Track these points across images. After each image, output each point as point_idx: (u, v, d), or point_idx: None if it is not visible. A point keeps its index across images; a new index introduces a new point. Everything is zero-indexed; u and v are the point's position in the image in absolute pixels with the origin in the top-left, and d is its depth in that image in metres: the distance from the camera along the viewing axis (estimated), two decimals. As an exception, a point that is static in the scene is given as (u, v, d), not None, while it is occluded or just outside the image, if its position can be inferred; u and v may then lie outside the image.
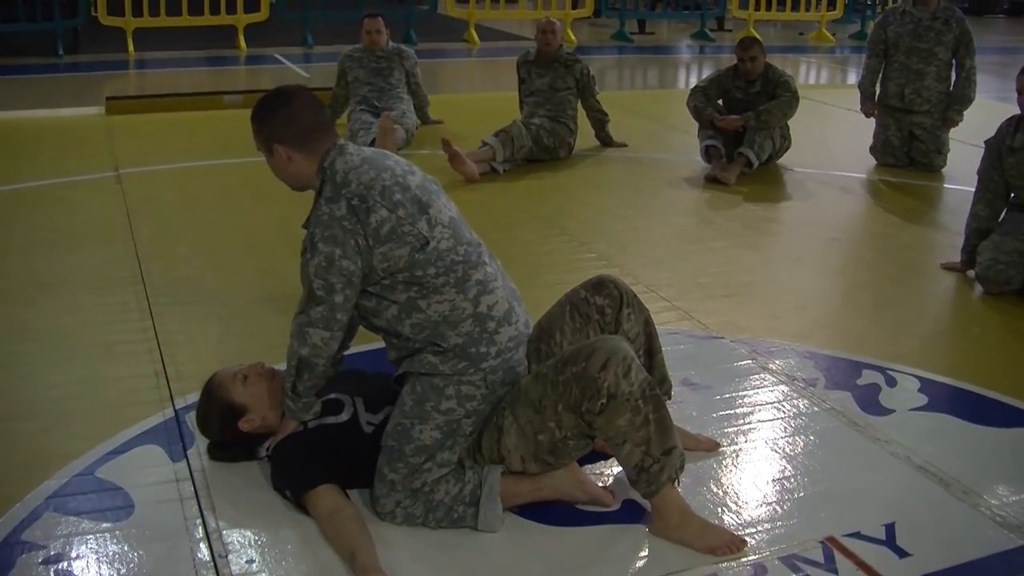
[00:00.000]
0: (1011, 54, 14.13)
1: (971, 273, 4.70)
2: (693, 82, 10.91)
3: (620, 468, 2.91)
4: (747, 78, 6.55)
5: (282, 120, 2.70)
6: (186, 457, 2.95)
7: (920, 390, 3.56)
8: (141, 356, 3.63)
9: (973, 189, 4.83)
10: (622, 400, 2.49)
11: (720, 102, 6.70)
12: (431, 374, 2.64)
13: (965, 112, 6.64)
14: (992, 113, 6.47)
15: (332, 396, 2.85)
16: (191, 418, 3.13)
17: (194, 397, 3.25)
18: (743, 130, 6.43)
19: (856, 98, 7.14)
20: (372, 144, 6.51)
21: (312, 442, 2.75)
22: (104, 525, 2.63)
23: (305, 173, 2.72)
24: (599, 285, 2.92)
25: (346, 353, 2.87)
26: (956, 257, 4.81)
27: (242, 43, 12.10)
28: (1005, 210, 4.69)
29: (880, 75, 6.81)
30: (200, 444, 2.99)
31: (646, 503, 2.70)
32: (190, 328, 3.88)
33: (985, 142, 4.68)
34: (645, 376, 2.54)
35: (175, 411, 3.22)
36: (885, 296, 4.52)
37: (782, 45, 14.13)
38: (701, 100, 6.62)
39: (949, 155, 6.73)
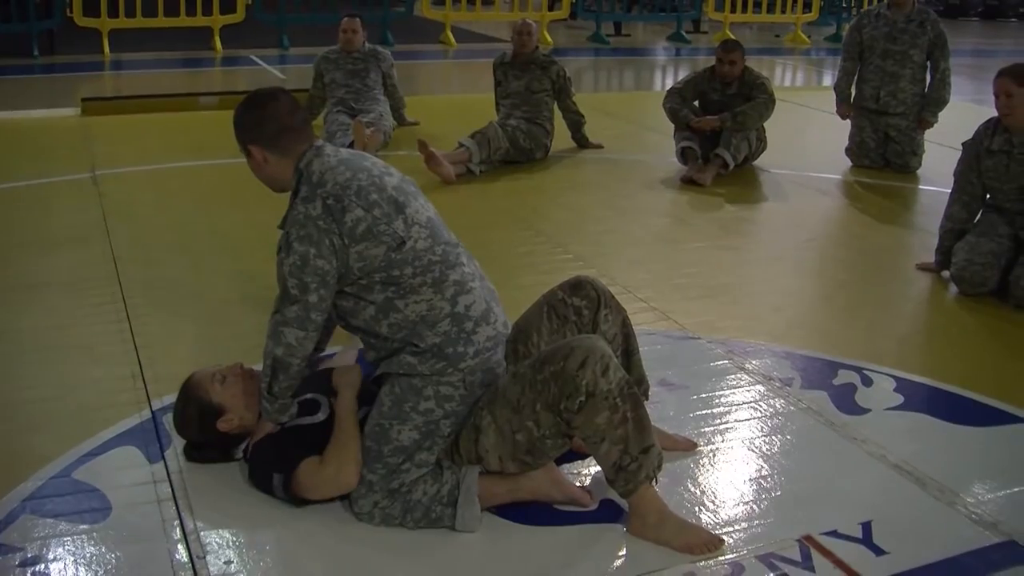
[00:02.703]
0: (985, 56, 14.28)
1: (945, 273, 4.74)
2: (669, 84, 10.96)
3: (597, 468, 2.93)
4: (724, 80, 6.58)
5: (256, 122, 2.72)
6: (163, 458, 2.94)
7: (896, 389, 3.59)
8: (118, 358, 3.60)
9: (948, 190, 4.88)
10: (600, 398, 2.50)
11: (696, 103, 6.72)
12: (410, 375, 2.64)
13: (940, 114, 6.70)
14: (966, 115, 6.55)
15: (308, 396, 2.85)
16: (168, 419, 3.12)
17: (171, 398, 3.25)
18: (719, 131, 6.46)
19: (831, 100, 7.19)
20: (351, 146, 6.50)
21: (289, 441, 2.75)
22: (81, 527, 2.61)
23: (281, 174, 2.73)
24: (576, 286, 2.94)
25: (322, 355, 2.87)
26: (931, 258, 4.85)
27: (218, 44, 12.05)
28: (980, 212, 4.73)
29: (855, 77, 6.86)
30: (177, 445, 2.98)
31: (624, 503, 2.71)
32: (167, 329, 3.87)
33: (963, 144, 4.72)
34: (623, 375, 2.56)
35: (152, 412, 3.21)
36: (861, 297, 4.55)
37: (758, 47, 14.18)
38: (677, 102, 6.65)
39: (924, 157, 6.79)
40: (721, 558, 2.57)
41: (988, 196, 4.69)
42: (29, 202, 5.55)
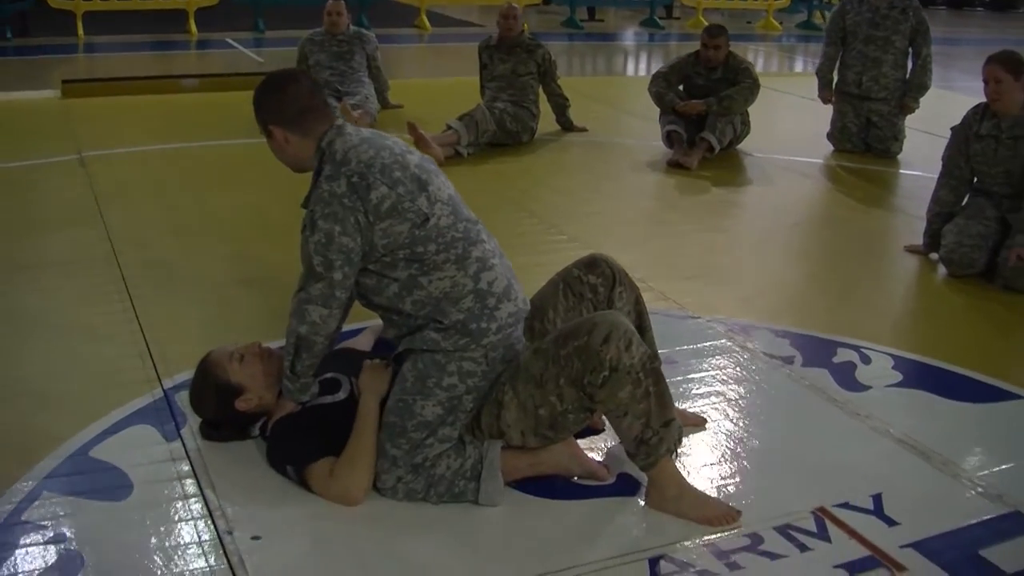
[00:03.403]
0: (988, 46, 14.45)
1: (933, 256, 4.82)
2: (644, 69, 10.98)
3: (612, 443, 2.98)
4: (709, 65, 6.63)
5: (277, 103, 2.73)
6: (180, 437, 2.94)
7: (894, 367, 3.66)
8: (124, 338, 3.60)
9: (929, 175, 4.96)
10: (623, 373, 2.53)
11: (680, 88, 6.77)
12: (433, 351, 2.66)
13: (921, 100, 6.78)
14: (945, 102, 6.65)
15: (329, 375, 2.86)
16: (180, 398, 3.12)
17: (181, 378, 3.27)
18: (704, 115, 6.51)
19: (807, 85, 7.27)
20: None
21: (310, 421, 2.76)
22: (104, 504, 2.61)
23: (303, 154, 2.74)
24: (592, 264, 2.97)
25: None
26: (917, 240, 4.94)
27: (193, 27, 11.94)
28: (967, 195, 4.81)
29: (838, 62, 6.93)
30: (193, 424, 2.99)
31: (641, 476, 2.76)
32: (170, 310, 3.86)
33: (951, 129, 4.79)
34: (646, 349, 2.59)
35: (164, 391, 3.20)
36: (851, 278, 4.62)
37: (729, 33, 14.23)
38: (663, 86, 6.69)
39: (904, 142, 6.88)
40: (739, 530, 2.62)
41: (975, 180, 4.77)
42: (17, 184, 5.50)
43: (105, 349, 3.52)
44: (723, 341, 3.80)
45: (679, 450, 2.67)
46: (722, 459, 2.98)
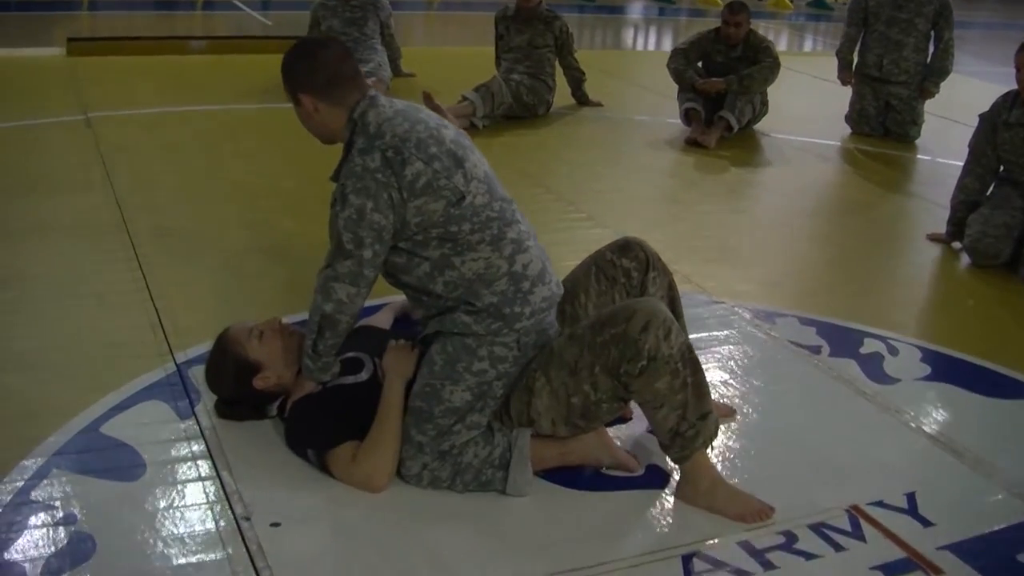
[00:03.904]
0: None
1: (956, 244, 4.73)
2: (654, 44, 10.82)
3: (641, 432, 2.89)
4: (729, 43, 6.50)
5: (306, 70, 2.60)
6: (194, 414, 2.84)
7: (923, 360, 3.57)
8: (134, 307, 3.49)
9: (946, 161, 4.87)
10: (662, 362, 2.44)
11: (700, 64, 6.64)
12: (464, 334, 2.56)
13: (941, 84, 6.67)
14: (954, 86, 6.55)
15: (351, 355, 2.77)
16: (194, 374, 3.03)
17: (194, 351, 3.17)
18: (723, 94, 6.39)
19: (820, 65, 7.16)
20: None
21: (332, 402, 2.66)
22: (117, 484, 2.51)
23: (333, 124, 2.62)
24: (625, 247, 2.87)
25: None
26: (939, 228, 4.84)
27: (200, -12, 11.77)
28: (993, 184, 4.71)
29: (859, 44, 6.80)
30: (207, 400, 2.89)
31: (671, 468, 2.68)
32: (181, 279, 3.75)
33: (979, 116, 4.68)
34: (685, 339, 2.50)
35: (176, 366, 3.10)
36: (874, 265, 4.53)
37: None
38: (682, 63, 6.56)
39: (923, 127, 6.76)
40: (773, 527, 2.53)
41: (1002, 168, 4.67)
42: (22, 143, 5.37)
43: (115, 319, 3.41)
44: (749, 328, 3.70)
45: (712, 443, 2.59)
46: (752, 452, 2.89)
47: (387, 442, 2.56)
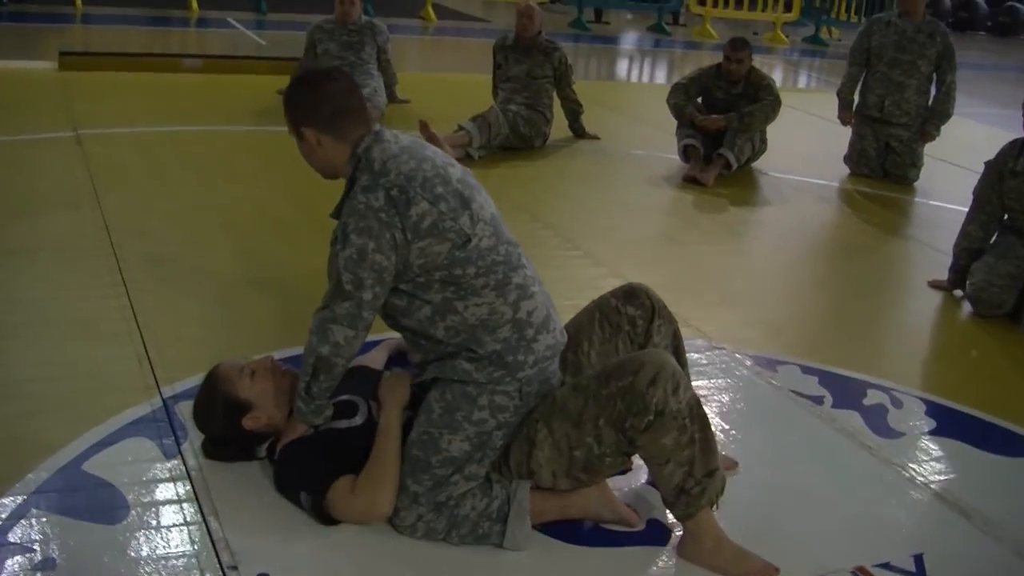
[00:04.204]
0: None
1: (958, 292, 4.67)
2: (649, 76, 10.80)
3: (639, 485, 2.80)
4: (730, 79, 6.45)
5: (312, 103, 2.52)
6: (180, 453, 2.73)
7: (927, 413, 3.50)
8: (121, 337, 3.38)
9: (945, 205, 4.81)
10: (669, 418, 2.36)
11: (699, 100, 6.59)
12: (464, 381, 2.47)
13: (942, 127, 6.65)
14: (960, 130, 6.51)
15: (344, 398, 2.67)
16: (181, 410, 2.93)
17: (182, 386, 3.07)
18: (723, 131, 6.34)
19: (815, 102, 7.11)
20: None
21: (324, 445, 2.57)
22: (98, 528, 2.40)
23: (336, 159, 2.53)
24: (631, 294, 2.79)
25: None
26: (940, 274, 4.79)
27: (194, 4, 11.68)
28: (996, 232, 4.66)
29: (860, 84, 6.77)
30: (194, 439, 2.78)
31: (672, 524, 2.59)
32: (169, 308, 3.65)
33: (985, 163, 4.63)
34: (693, 393, 2.42)
35: (163, 401, 3.00)
36: (875, 311, 4.47)
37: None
38: (682, 98, 6.51)
39: (922, 169, 6.73)
40: (778, 589, 2.45)
41: (1007, 217, 4.61)
42: (11, 160, 5.26)
43: (100, 349, 3.30)
44: (750, 376, 3.62)
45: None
46: (755, 507, 2.80)
47: (387, 468, 2.46)
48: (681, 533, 2.55)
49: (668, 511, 2.52)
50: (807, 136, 8.07)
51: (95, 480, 2.59)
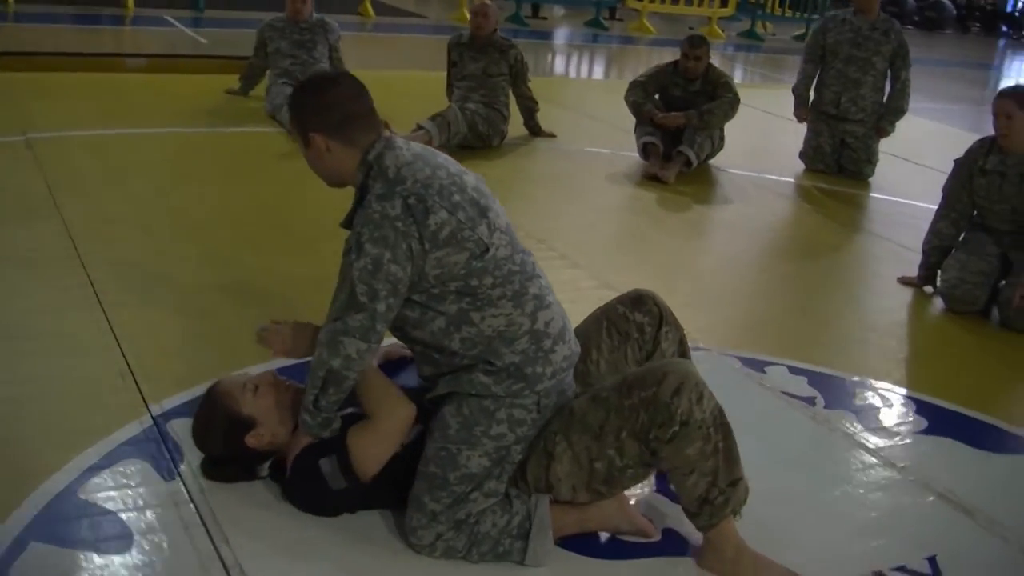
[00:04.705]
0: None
1: (928, 289, 4.72)
2: (587, 71, 10.77)
3: (650, 493, 2.76)
4: (688, 76, 6.45)
5: (320, 107, 2.42)
6: (179, 475, 2.62)
7: (918, 412, 3.52)
8: (100, 352, 3.24)
9: (900, 200, 4.84)
10: (694, 428, 2.32)
11: (657, 97, 6.58)
12: (481, 395, 2.39)
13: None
14: (909, 125, 6.61)
15: (351, 411, 2.58)
16: (173, 428, 2.81)
17: (170, 403, 2.96)
18: (682, 128, 6.34)
19: (765, 97, 7.12)
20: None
21: (334, 442, 2.48)
22: (103, 559, 2.29)
23: (345, 166, 2.44)
24: (638, 301, 2.75)
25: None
26: (905, 270, 4.84)
27: (130, 2, 11.36)
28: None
29: (815, 81, 6.81)
30: (191, 459, 2.67)
31: (688, 532, 2.56)
32: (146, 321, 3.51)
33: (955, 161, 4.67)
34: (716, 403, 2.38)
35: (153, 419, 2.87)
36: (849, 309, 4.48)
37: (671, 38, 14.18)
38: (640, 96, 6.49)
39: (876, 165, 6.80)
40: (801, 597, 2.43)
41: (976, 214, 4.66)
42: (-44, 165, 5.05)
43: (81, 364, 3.16)
44: (740, 379, 3.60)
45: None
46: (766, 514, 2.75)
47: (385, 389, 2.50)
48: (701, 542, 2.51)
49: (690, 521, 2.47)
50: (758, 132, 8.10)
51: (94, 508, 2.47)
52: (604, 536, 2.57)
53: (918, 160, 7.30)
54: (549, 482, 2.44)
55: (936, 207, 4.76)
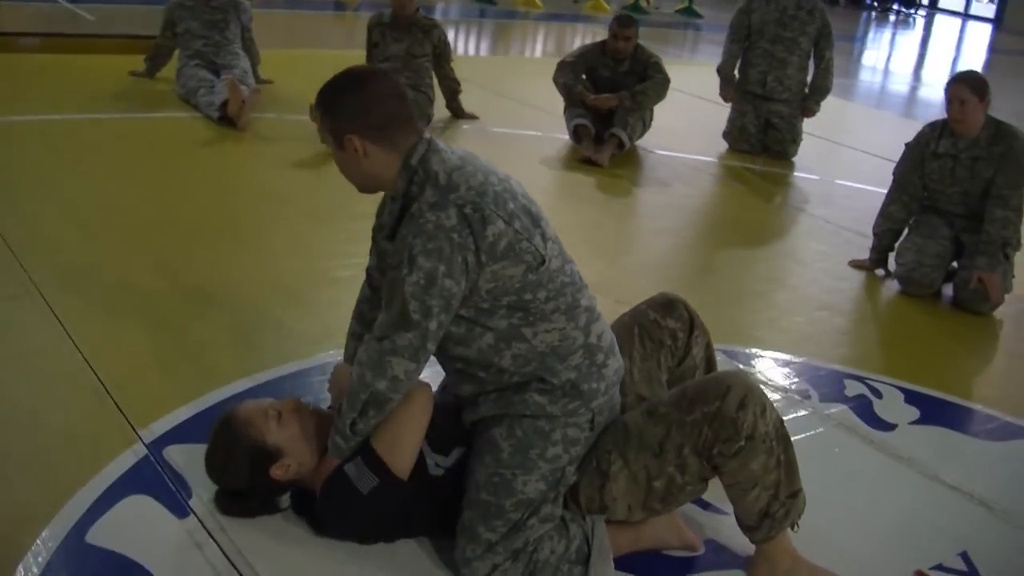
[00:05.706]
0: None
1: (880, 271, 4.76)
2: (487, 49, 10.58)
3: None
4: (616, 57, 6.37)
5: (358, 107, 2.22)
6: (192, 511, 2.40)
7: (907, 401, 3.52)
8: (69, 373, 2.96)
9: (823, 179, 4.85)
10: (759, 441, 2.23)
11: (584, 78, 6.48)
12: (536, 416, 2.25)
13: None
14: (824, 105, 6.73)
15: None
16: (170, 456, 2.58)
17: (159, 427, 2.73)
18: (613, 110, 6.25)
19: (677, 76, 7.05)
20: (223, 107, 5.84)
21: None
22: (136, 614, 2.07)
23: (384, 172, 2.25)
24: (669, 306, 2.64)
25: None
26: (852, 252, 4.92)
27: (-1, -26, 10.64)
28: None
29: (739, 60, 6.81)
30: (200, 492, 2.45)
31: (730, 542, 2.51)
32: (112, 338, 3.21)
33: (906, 144, 4.71)
34: (778, 414, 2.30)
35: (148, 449, 2.63)
36: (809, 294, 4.46)
37: (556, 12, 14.11)
38: (570, 77, 6.38)
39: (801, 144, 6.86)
40: (860, 604, 2.38)
41: (927, 197, 4.70)
42: None
43: (53, 388, 2.88)
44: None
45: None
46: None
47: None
48: (752, 554, 2.42)
49: (745, 534, 2.38)
50: (676, 112, 8.07)
51: (106, 553, 2.23)
52: (649, 553, 2.46)
53: (831, 138, 7.39)
54: (604, 502, 2.32)
55: (864, 186, 4.79)
